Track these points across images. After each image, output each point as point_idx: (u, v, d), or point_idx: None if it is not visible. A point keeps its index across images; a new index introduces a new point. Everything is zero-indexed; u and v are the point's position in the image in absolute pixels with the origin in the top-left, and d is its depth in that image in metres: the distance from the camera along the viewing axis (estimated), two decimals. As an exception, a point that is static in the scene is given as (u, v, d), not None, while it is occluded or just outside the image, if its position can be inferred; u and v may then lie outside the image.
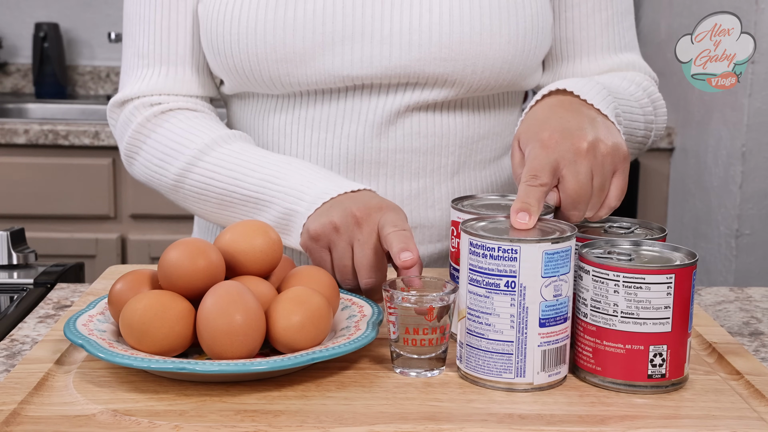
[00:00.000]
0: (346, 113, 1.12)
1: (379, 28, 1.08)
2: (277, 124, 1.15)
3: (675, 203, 2.59)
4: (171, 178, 1.11)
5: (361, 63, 1.08)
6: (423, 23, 1.08)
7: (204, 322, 0.79)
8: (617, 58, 1.21)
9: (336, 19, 1.07)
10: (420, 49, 1.08)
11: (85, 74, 3.03)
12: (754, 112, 2.17)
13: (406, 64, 1.08)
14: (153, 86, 1.15)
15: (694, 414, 0.76)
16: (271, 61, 1.08)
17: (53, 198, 2.49)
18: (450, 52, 1.08)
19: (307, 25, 1.07)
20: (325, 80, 1.09)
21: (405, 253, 0.87)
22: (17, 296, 1.06)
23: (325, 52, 1.08)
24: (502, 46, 1.09)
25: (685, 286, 0.78)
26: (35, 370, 0.80)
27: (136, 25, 1.16)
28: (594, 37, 1.19)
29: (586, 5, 1.18)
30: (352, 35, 1.08)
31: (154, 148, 1.13)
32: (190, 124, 1.12)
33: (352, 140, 1.12)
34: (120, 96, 1.16)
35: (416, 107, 1.12)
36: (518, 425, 0.73)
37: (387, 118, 1.11)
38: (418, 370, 0.81)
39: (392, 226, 0.90)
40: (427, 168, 1.14)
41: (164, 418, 0.72)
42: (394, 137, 1.12)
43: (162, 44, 1.15)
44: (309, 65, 1.09)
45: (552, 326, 0.78)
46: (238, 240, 0.87)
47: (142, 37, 1.15)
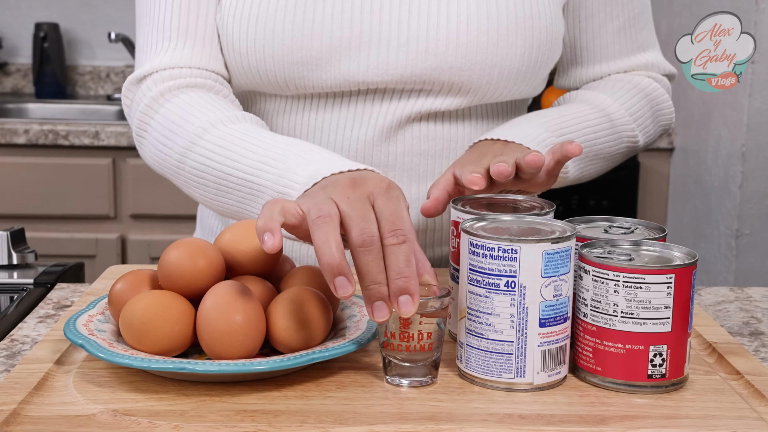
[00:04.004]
0: (356, 117, 1.11)
1: (396, 35, 1.07)
2: (285, 126, 1.14)
3: (675, 203, 2.59)
4: (175, 158, 1.04)
5: (377, 69, 1.08)
6: (440, 32, 1.07)
7: (204, 322, 0.79)
8: (631, 60, 1.22)
9: (354, 24, 1.07)
10: (436, 58, 1.08)
11: (85, 74, 3.03)
12: (754, 112, 2.17)
13: (421, 71, 1.08)
14: (173, 59, 1.09)
15: (694, 414, 0.76)
16: (287, 63, 1.07)
17: (53, 198, 2.49)
18: (466, 61, 1.08)
19: (325, 29, 1.07)
20: (339, 84, 1.09)
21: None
22: (17, 296, 1.06)
23: (341, 57, 1.07)
24: (518, 56, 1.09)
25: (685, 286, 0.78)
26: (35, 370, 0.80)
27: (155, 2, 1.10)
28: (607, 45, 1.21)
29: (600, 16, 1.19)
30: (369, 41, 1.07)
31: (160, 124, 1.06)
32: (198, 102, 1.05)
33: (361, 144, 1.11)
34: (138, 72, 1.10)
35: (427, 114, 1.11)
36: (518, 425, 0.73)
37: (397, 123, 1.11)
38: (410, 379, 0.79)
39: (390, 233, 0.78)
40: (435, 171, 1.14)
41: (164, 418, 0.72)
42: (403, 141, 1.12)
43: (182, 18, 1.09)
44: (325, 69, 1.08)
45: (552, 326, 0.78)
46: (238, 240, 0.87)
47: (161, 12, 1.10)
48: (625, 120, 1.17)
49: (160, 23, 1.10)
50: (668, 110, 1.24)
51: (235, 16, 1.08)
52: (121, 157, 2.47)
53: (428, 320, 0.78)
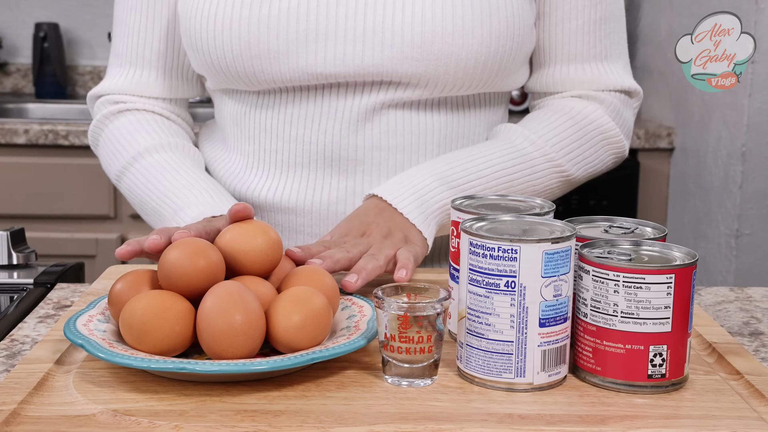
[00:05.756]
0: (323, 110, 1.14)
1: (353, 27, 1.09)
2: (259, 120, 1.17)
3: (675, 203, 2.59)
4: (114, 176, 1.23)
5: (334, 61, 1.10)
6: (396, 22, 1.08)
7: (204, 322, 0.79)
8: (589, 68, 1.19)
9: (309, 17, 1.09)
10: (392, 48, 1.09)
11: (85, 74, 3.03)
12: (754, 112, 2.17)
13: (378, 63, 1.09)
14: (119, 85, 1.25)
15: (694, 414, 0.76)
16: (246, 57, 1.11)
17: (53, 198, 2.49)
18: (422, 51, 1.09)
19: (281, 23, 1.09)
20: (299, 77, 1.11)
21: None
22: (17, 296, 1.06)
23: (298, 50, 1.10)
24: (474, 46, 1.09)
25: (685, 286, 0.78)
26: (35, 370, 0.80)
27: (116, 26, 1.25)
28: (563, 45, 1.18)
29: (560, 11, 1.17)
30: (325, 33, 1.09)
31: (105, 144, 1.24)
32: (134, 127, 1.22)
33: (329, 136, 1.14)
34: (93, 91, 1.28)
35: (391, 105, 1.13)
36: (518, 425, 0.73)
37: (362, 116, 1.13)
38: (410, 379, 0.79)
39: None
40: (405, 166, 1.15)
41: (164, 418, 0.72)
42: (371, 135, 1.13)
43: (132, 47, 1.23)
44: (283, 62, 1.10)
45: (552, 326, 0.78)
46: (238, 240, 0.87)
47: (117, 37, 1.24)
48: (544, 152, 1.15)
49: (116, 48, 1.25)
50: (614, 138, 1.20)
51: (195, 16, 1.13)
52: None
53: (428, 322, 0.78)
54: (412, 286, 0.83)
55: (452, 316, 0.90)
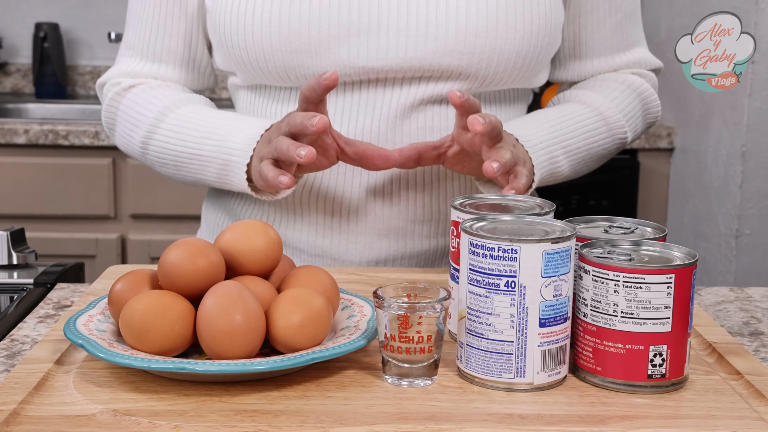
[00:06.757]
0: (360, 106, 1.12)
1: (396, 20, 1.09)
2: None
3: (675, 203, 2.59)
4: (138, 145, 1.19)
5: (377, 55, 1.09)
6: (440, 16, 1.09)
7: (204, 322, 0.79)
8: (624, 56, 1.26)
9: (352, 11, 1.08)
10: (436, 42, 1.09)
11: (85, 74, 3.03)
12: (754, 112, 2.17)
13: (421, 56, 1.09)
14: (130, 70, 1.22)
15: (694, 414, 0.76)
16: (285, 52, 1.09)
17: (53, 198, 2.49)
18: (465, 45, 1.09)
19: (322, 17, 1.08)
20: (340, 72, 1.09)
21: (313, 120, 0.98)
22: (17, 296, 1.06)
23: (340, 44, 1.09)
24: (517, 40, 1.11)
25: (685, 286, 0.78)
26: (35, 370, 0.80)
27: (130, 18, 1.23)
28: (605, 40, 1.24)
29: (599, 12, 1.21)
30: (368, 27, 1.08)
31: (122, 117, 1.21)
32: (151, 93, 1.19)
33: (366, 134, 1.12)
34: (102, 78, 1.25)
35: (430, 101, 1.12)
36: (518, 425, 0.73)
37: (401, 112, 1.12)
38: (410, 379, 0.79)
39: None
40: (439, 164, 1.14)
41: (164, 418, 0.72)
42: (408, 131, 1.12)
43: (145, 42, 1.21)
44: (323, 57, 1.09)
45: (552, 326, 0.78)
46: (238, 240, 0.87)
47: (130, 30, 1.22)
48: (617, 119, 1.20)
49: (129, 40, 1.23)
50: (655, 106, 1.28)
51: (231, 12, 1.11)
52: (121, 157, 2.47)
53: (428, 322, 0.78)
54: (412, 286, 0.83)
55: (452, 316, 0.90)
